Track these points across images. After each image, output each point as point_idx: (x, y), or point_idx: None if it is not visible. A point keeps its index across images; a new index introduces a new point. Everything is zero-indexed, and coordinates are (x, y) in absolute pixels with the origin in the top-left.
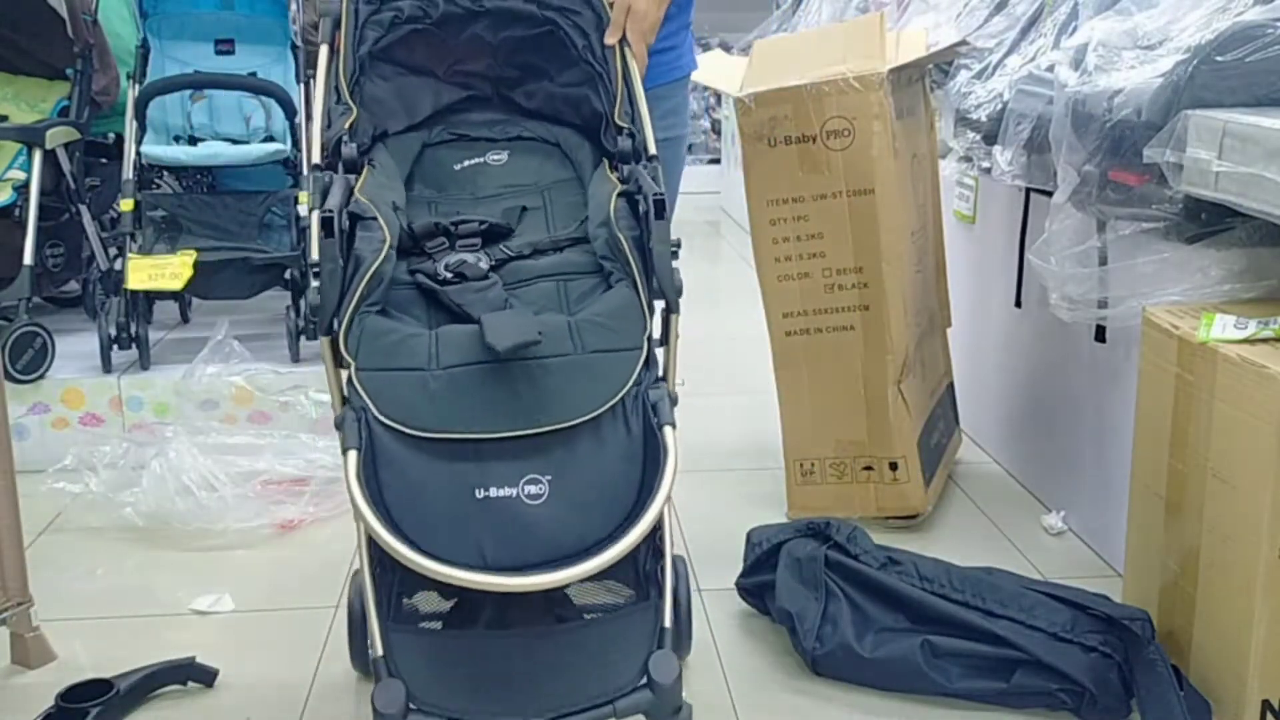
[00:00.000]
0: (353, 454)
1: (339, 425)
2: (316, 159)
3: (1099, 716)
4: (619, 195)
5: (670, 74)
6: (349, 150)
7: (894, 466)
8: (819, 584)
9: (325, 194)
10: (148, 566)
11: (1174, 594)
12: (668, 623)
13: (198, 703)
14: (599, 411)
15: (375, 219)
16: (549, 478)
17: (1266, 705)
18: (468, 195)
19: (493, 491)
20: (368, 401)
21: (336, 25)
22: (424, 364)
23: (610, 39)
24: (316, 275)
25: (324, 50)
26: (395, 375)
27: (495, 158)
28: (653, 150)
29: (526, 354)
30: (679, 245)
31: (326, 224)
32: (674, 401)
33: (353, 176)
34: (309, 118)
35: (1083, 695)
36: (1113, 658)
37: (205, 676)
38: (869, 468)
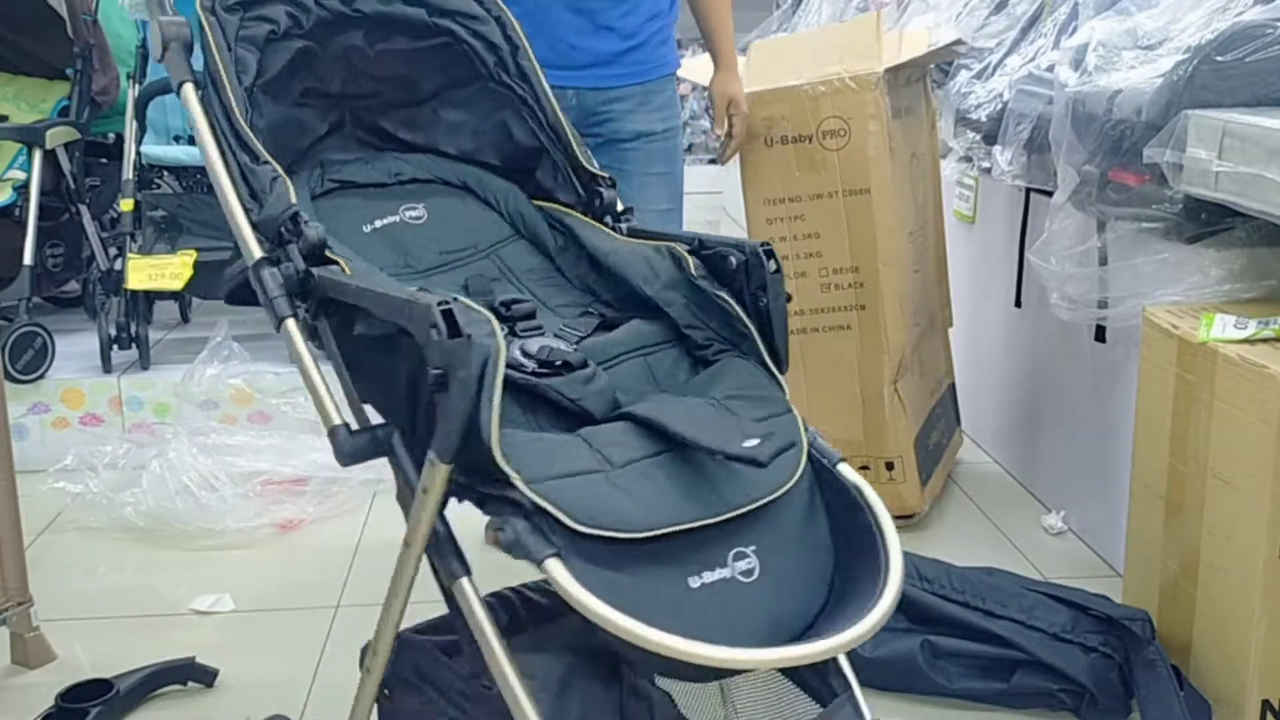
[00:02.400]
0: (556, 562)
1: (511, 546)
2: (258, 252)
3: (1099, 717)
4: (669, 252)
5: (666, 68)
6: (314, 231)
7: (890, 466)
8: None
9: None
10: (148, 566)
11: (1174, 594)
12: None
13: (198, 703)
14: (797, 477)
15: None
16: (753, 548)
17: (1266, 705)
18: (406, 269)
19: (706, 577)
20: (559, 515)
21: (189, 50)
22: (597, 465)
23: (719, 129)
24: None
25: (189, 91)
26: (577, 482)
27: (412, 215)
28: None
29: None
30: (790, 298)
31: (450, 318)
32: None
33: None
34: None
35: (1083, 695)
36: (1113, 658)
37: (205, 676)
38: (865, 467)
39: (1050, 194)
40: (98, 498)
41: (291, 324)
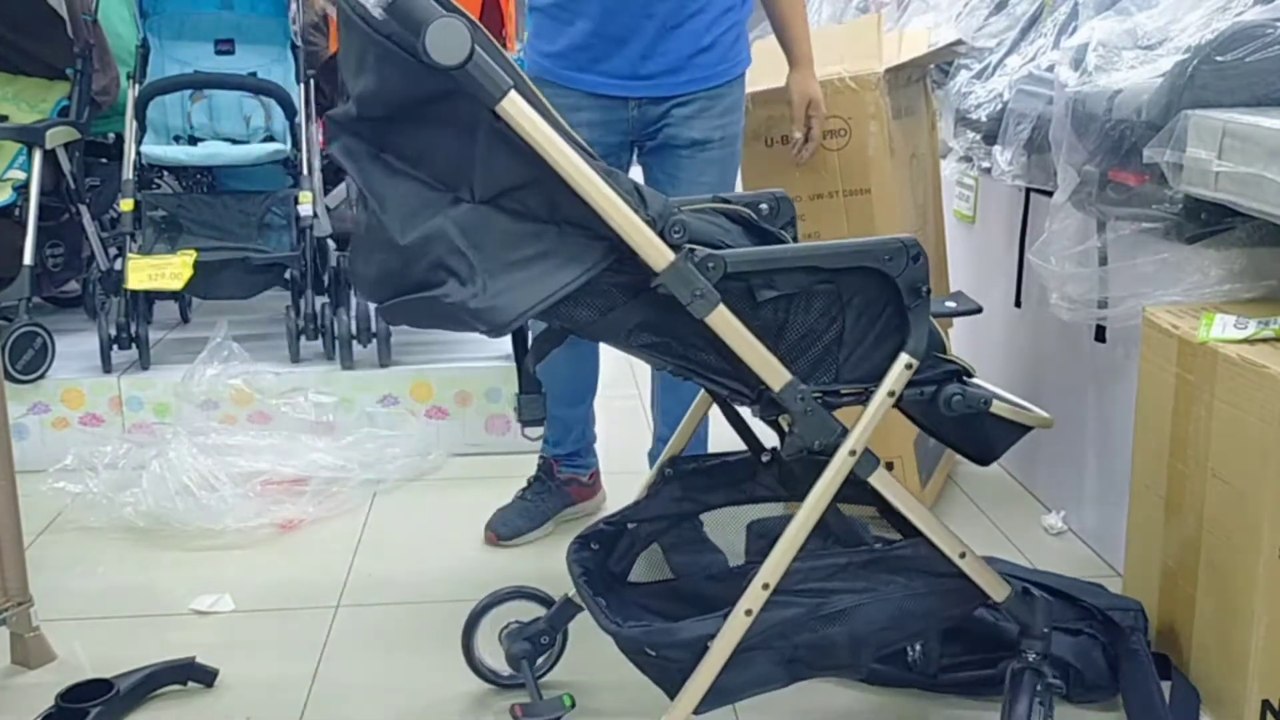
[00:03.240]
0: (996, 400)
1: (961, 399)
2: (669, 252)
3: (1087, 695)
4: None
5: (737, 68)
6: (690, 219)
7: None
8: None
9: None
10: (148, 566)
11: (1174, 594)
12: None
13: (198, 703)
14: None
15: None
16: None
17: (1266, 705)
18: None
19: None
20: (967, 366)
21: None
22: None
23: (797, 133)
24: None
25: (519, 99)
26: None
27: None
28: None
29: None
30: None
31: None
32: None
33: None
34: (309, 118)
35: (1069, 673)
36: (1097, 639)
37: (205, 676)
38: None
39: (1050, 194)
40: (98, 498)
41: (725, 307)
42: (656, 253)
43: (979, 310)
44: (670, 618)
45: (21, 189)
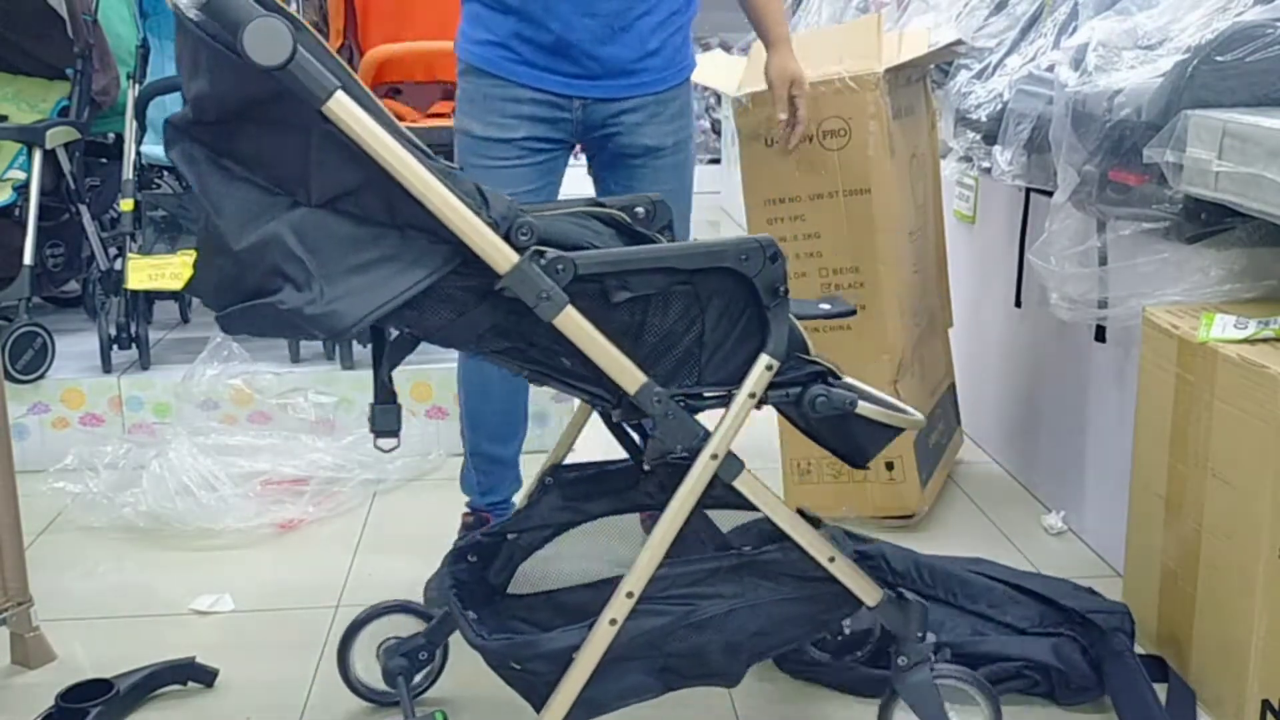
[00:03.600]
0: (863, 401)
1: (828, 402)
2: (512, 254)
3: (1073, 696)
4: (596, 216)
5: (684, 72)
6: (539, 222)
7: (890, 466)
8: None
9: None
10: (148, 566)
11: (1174, 594)
12: None
13: (198, 703)
14: None
15: None
16: None
17: (1266, 705)
18: None
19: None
20: (838, 371)
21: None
22: None
23: (781, 114)
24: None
25: (346, 100)
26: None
27: None
28: None
29: None
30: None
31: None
32: None
33: None
34: None
35: (1051, 674)
36: (1077, 640)
37: (205, 676)
38: (864, 467)
39: (1050, 194)
40: (98, 498)
41: (573, 309)
42: (499, 255)
43: (853, 312)
44: (549, 629)
45: (21, 189)
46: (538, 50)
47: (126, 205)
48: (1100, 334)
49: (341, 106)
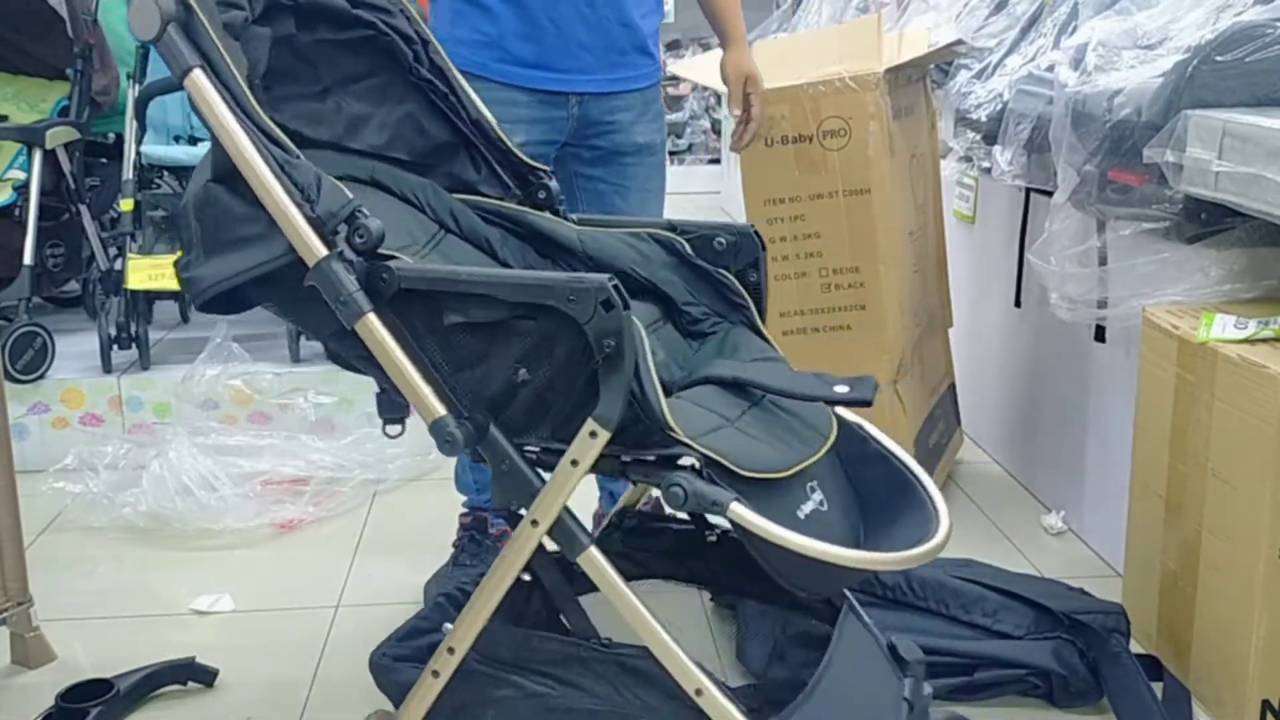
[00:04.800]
0: (739, 505)
1: (688, 499)
2: (322, 248)
3: (1072, 700)
4: (651, 237)
5: (660, 72)
6: (376, 225)
7: None
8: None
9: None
10: (148, 566)
11: (1174, 594)
12: None
13: (198, 703)
14: (837, 428)
15: None
16: (815, 482)
17: (1266, 705)
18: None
19: (805, 508)
20: (729, 464)
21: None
22: (721, 421)
23: (736, 110)
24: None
25: (201, 79)
26: (724, 434)
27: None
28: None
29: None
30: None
31: (620, 293)
32: None
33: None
34: None
35: (1051, 678)
36: (1074, 644)
37: (205, 676)
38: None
39: (1050, 194)
40: (98, 498)
41: (375, 318)
42: (307, 249)
43: (869, 403)
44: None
45: (21, 189)
46: (533, 47)
47: (126, 205)
48: (1100, 334)
49: (194, 85)
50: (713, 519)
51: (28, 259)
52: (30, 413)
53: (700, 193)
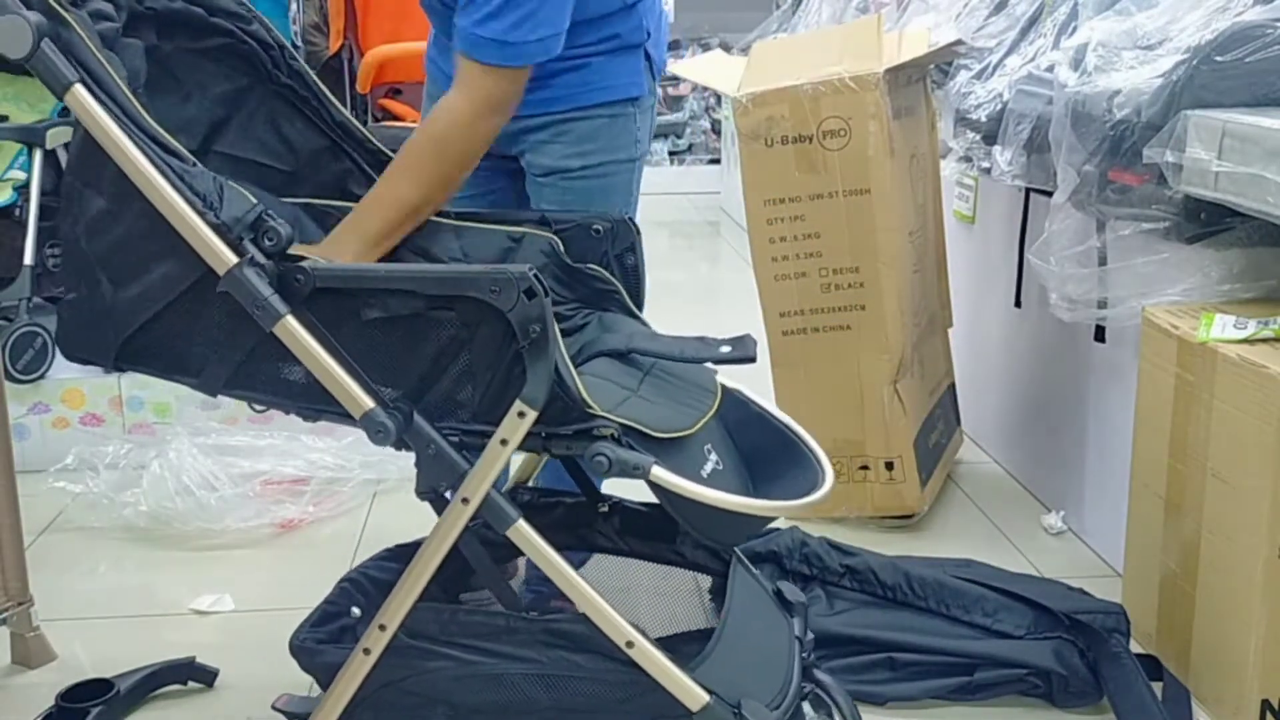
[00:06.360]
0: (659, 467)
1: (612, 466)
2: (231, 255)
3: (1072, 700)
4: (525, 238)
5: (589, 98)
6: (285, 228)
7: (890, 466)
8: None
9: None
10: (148, 566)
11: (1174, 594)
12: None
13: (198, 703)
14: (721, 389)
15: None
16: (709, 445)
17: (1266, 705)
18: None
19: (706, 468)
20: (645, 429)
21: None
22: (625, 392)
23: None
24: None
25: (83, 94)
26: (633, 403)
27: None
28: None
29: (695, 357)
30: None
31: (540, 282)
32: None
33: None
34: None
35: (1051, 679)
36: (1075, 644)
37: (205, 676)
38: (865, 467)
39: (1050, 194)
40: (98, 498)
41: (293, 320)
42: (216, 258)
43: (752, 359)
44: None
45: (22, 189)
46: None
47: None
48: (1100, 334)
49: (76, 100)
50: (605, 491)
51: (28, 259)
52: (30, 413)
53: (700, 193)
